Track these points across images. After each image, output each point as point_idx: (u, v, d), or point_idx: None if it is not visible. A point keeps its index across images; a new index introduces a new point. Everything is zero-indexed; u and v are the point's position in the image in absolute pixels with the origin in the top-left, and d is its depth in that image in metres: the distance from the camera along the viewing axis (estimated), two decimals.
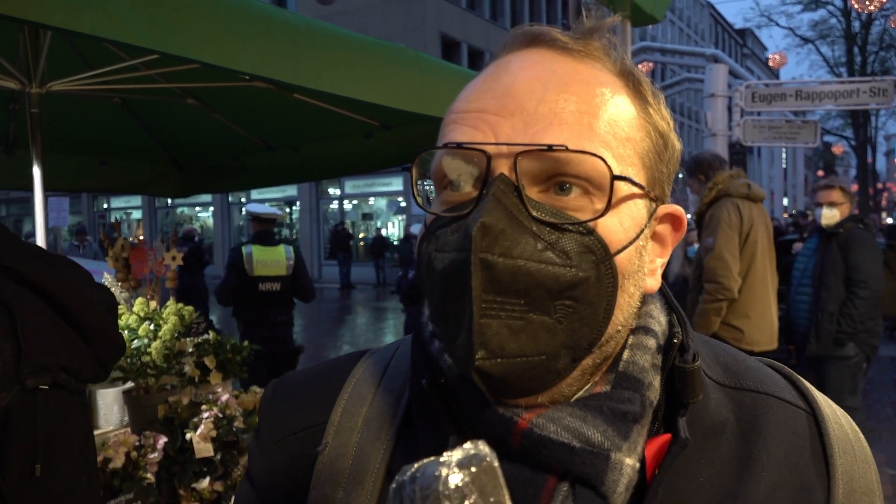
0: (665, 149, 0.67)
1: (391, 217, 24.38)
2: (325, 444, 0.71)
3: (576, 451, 0.59)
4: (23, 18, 1.61)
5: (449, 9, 23.91)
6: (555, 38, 0.65)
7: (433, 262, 0.61)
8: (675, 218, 0.70)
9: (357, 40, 2.64)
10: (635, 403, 0.62)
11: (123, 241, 3.74)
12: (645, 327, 0.67)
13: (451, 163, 0.63)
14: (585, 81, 0.63)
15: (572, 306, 0.58)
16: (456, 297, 0.58)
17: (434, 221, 0.64)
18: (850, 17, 32.98)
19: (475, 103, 0.64)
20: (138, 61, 3.22)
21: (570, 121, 0.60)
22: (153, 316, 3.37)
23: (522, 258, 0.56)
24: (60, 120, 4.20)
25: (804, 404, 0.72)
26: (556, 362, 0.59)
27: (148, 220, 29.03)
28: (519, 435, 0.60)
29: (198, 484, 2.90)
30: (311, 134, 4.57)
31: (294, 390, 0.80)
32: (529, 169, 0.59)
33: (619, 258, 0.61)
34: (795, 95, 8.90)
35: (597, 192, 0.60)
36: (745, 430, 0.67)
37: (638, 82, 0.66)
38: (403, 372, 0.75)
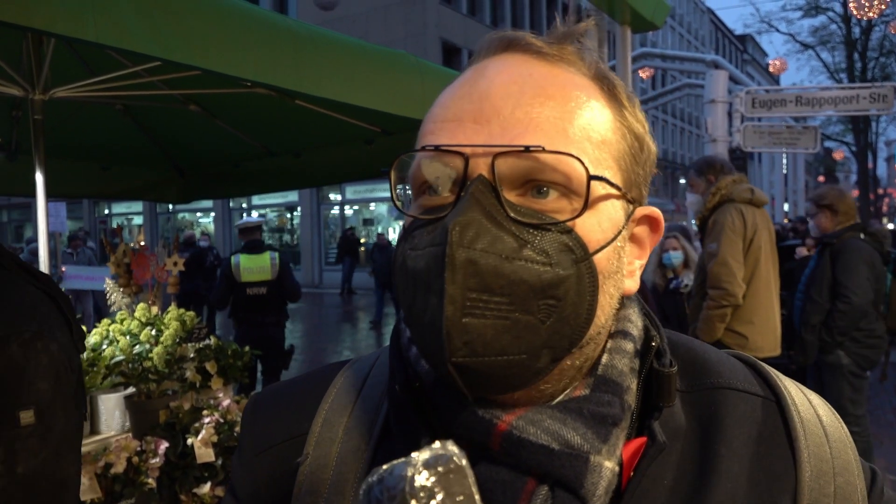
0: (641, 151, 0.68)
1: (392, 223, 24.39)
2: (306, 455, 0.71)
3: (555, 454, 0.59)
4: (28, 26, 1.62)
5: (450, 15, 23.98)
6: (530, 42, 0.66)
7: (407, 261, 0.61)
8: (652, 220, 0.70)
9: (359, 47, 2.65)
10: (615, 407, 0.63)
11: (125, 246, 3.75)
12: (623, 331, 0.68)
13: (429, 166, 0.63)
14: (560, 85, 0.63)
15: (555, 305, 0.58)
16: (429, 293, 0.57)
17: (411, 224, 0.64)
18: (850, 23, 33.03)
19: (452, 109, 0.64)
20: (141, 68, 3.23)
21: (546, 125, 0.61)
22: (155, 321, 3.37)
23: (503, 255, 0.56)
24: (63, 126, 4.21)
25: (765, 391, 0.71)
26: (537, 361, 0.59)
27: (149, 226, 29.05)
28: (499, 437, 0.60)
29: (199, 489, 2.91)
30: (312, 140, 4.58)
31: (274, 402, 0.80)
32: (507, 171, 0.60)
33: (598, 258, 0.61)
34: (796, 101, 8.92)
35: (574, 195, 0.60)
36: (705, 429, 0.67)
37: (612, 85, 0.67)
38: (383, 381, 0.74)
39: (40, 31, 1.66)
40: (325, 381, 0.78)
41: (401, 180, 0.66)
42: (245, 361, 3.54)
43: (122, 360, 3.10)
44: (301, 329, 14.90)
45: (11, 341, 1.26)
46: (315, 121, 3.81)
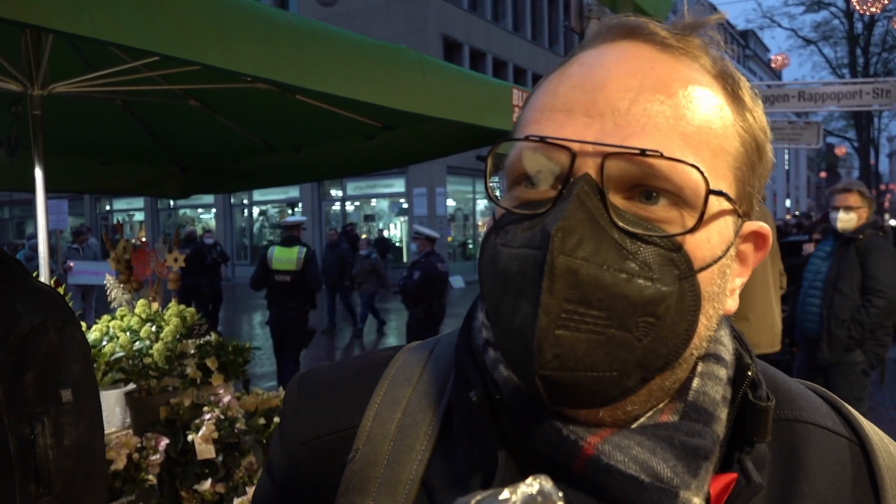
0: (759, 161, 0.63)
1: (393, 218, 24.38)
2: (356, 451, 0.68)
3: (644, 486, 0.55)
4: (23, 21, 1.60)
5: (451, 10, 23.91)
6: (653, 31, 0.60)
7: (499, 258, 0.57)
8: (759, 236, 0.65)
9: (359, 42, 2.64)
10: (706, 438, 0.58)
11: (126, 242, 3.74)
12: (716, 355, 0.63)
13: (532, 157, 0.58)
14: (683, 82, 0.58)
15: (654, 324, 0.54)
16: (521, 297, 0.54)
17: (504, 216, 0.60)
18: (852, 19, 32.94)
19: (562, 97, 0.59)
20: (140, 63, 3.22)
21: (665, 125, 0.56)
22: (155, 318, 3.37)
23: (605, 266, 0.52)
24: (62, 122, 4.20)
25: (848, 432, 0.67)
26: (627, 380, 0.55)
27: (150, 222, 29.06)
28: (583, 461, 0.56)
29: (199, 486, 2.90)
30: (312, 135, 4.57)
31: (322, 389, 0.76)
32: (616, 173, 0.55)
33: (701, 276, 0.56)
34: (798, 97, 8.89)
35: (686, 206, 0.55)
36: (785, 461, 0.63)
37: (737, 85, 0.62)
38: (442, 376, 0.70)
39: (36, 26, 1.65)
40: (377, 371, 0.74)
41: (497, 169, 0.62)
42: (245, 358, 3.54)
43: (122, 356, 3.09)
44: None
45: (48, 327, 1.39)
46: (315, 116, 3.79)
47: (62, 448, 1.36)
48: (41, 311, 1.41)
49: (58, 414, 1.36)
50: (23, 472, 1.32)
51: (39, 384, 1.35)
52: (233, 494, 2.92)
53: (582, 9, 4.77)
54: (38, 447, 1.33)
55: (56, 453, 1.35)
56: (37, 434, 1.33)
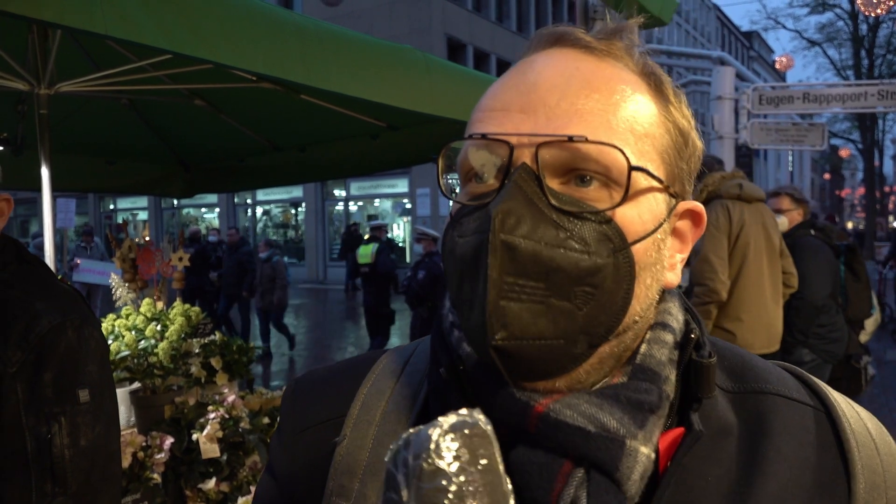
0: (685, 146, 0.69)
1: (396, 219, 24.38)
2: (344, 436, 0.73)
3: (591, 436, 0.60)
4: (37, 18, 1.61)
5: (455, 11, 23.91)
6: (578, 37, 0.67)
7: (455, 248, 0.63)
8: (695, 214, 0.72)
9: (365, 41, 2.64)
10: (652, 394, 0.63)
11: (131, 241, 3.75)
12: (663, 323, 0.69)
13: (476, 154, 0.65)
14: (607, 79, 0.65)
15: (591, 293, 0.59)
16: (474, 278, 0.59)
17: (458, 210, 0.66)
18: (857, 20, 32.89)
19: (500, 99, 0.66)
20: (146, 62, 3.23)
21: (590, 116, 0.62)
22: (160, 317, 3.38)
23: (543, 241, 0.58)
24: (68, 121, 4.21)
25: (814, 401, 0.71)
26: (574, 347, 0.60)
27: (154, 221, 29.11)
28: (535, 418, 0.61)
29: (204, 484, 2.91)
30: (317, 135, 4.57)
31: (315, 385, 0.82)
32: (550, 160, 0.61)
33: (636, 248, 0.62)
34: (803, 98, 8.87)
35: (615, 185, 0.62)
36: (751, 430, 0.67)
37: (660, 81, 0.68)
38: (422, 368, 0.76)
39: (49, 23, 1.66)
40: (365, 366, 0.80)
41: (448, 168, 0.69)
42: (250, 357, 3.55)
43: (127, 355, 3.10)
44: (305, 325, 14.91)
45: (67, 327, 1.40)
46: (320, 115, 3.80)
47: (78, 448, 1.37)
48: (60, 310, 1.42)
49: (75, 414, 1.37)
50: (39, 470, 1.32)
51: (57, 384, 1.36)
52: (237, 493, 2.93)
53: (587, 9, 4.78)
54: (55, 446, 1.33)
55: (72, 453, 1.35)
56: (54, 433, 1.33)
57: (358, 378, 0.78)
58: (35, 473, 1.32)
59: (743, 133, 8.97)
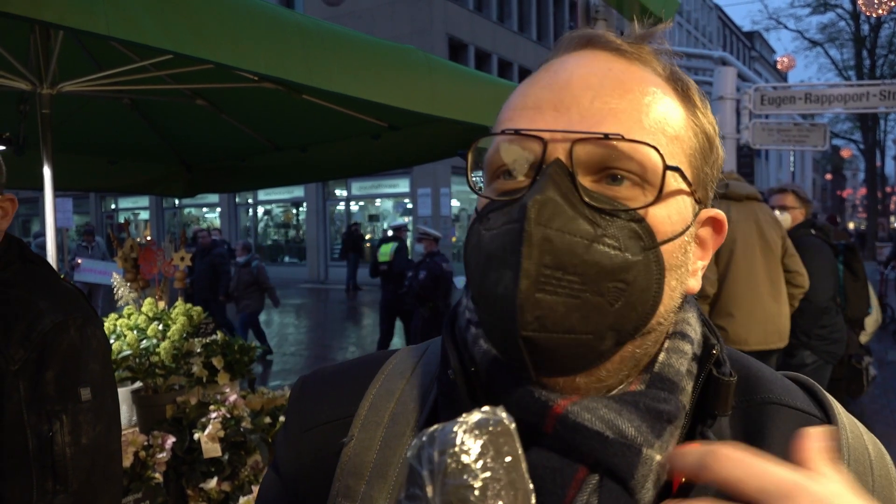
0: (710, 151, 0.70)
1: (397, 219, 24.38)
2: (351, 437, 0.72)
3: (609, 441, 0.59)
4: (39, 19, 1.62)
5: (456, 10, 23.90)
6: (610, 40, 0.68)
7: (482, 240, 0.63)
8: (716, 221, 0.72)
9: (366, 42, 2.64)
10: (670, 404, 0.63)
11: (132, 241, 3.76)
12: (682, 332, 0.68)
13: (508, 149, 0.64)
14: (638, 81, 0.65)
15: (623, 289, 0.59)
16: (504, 269, 0.59)
17: (486, 206, 0.65)
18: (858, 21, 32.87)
19: (532, 97, 0.66)
20: (148, 62, 3.23)
21: (624, 115, 0.62)
22: (162, 316, 3.38)
23: (578, 235, 0.58)
24: (70, 120, 4.22)
25: (820, 413, 0.71)
26: (602, 343, 0.60)
27: (155, 221, 29.12)
28: (553, 419, 0.60)
29: (205, 484, 2.91)
30: (318, 135, 4.58)
31: (323, 383, 0.82)
32: (584, 157, 0.61)
33: (664, 248, 0.63)
34: (804, 98, 8.86)
35: (648, 185, 0.62)
36: (754, 441, 0.67)
37: (686, 87, 0.69)
38: (433, 370, 0.75)
39: (51, 24, 1.66)
40: (374, 366, 0.79)
41: (475, 166, 0.68)
42: (251, 357, 3.55)
43: (129, 354, 3.10)
44: (306, 325, 14.92)
45: (69, 326, 1.41)
46: (321, 115, 3.80)
47: (80, 446, 1.37)
48: (63, 309, 1.42)
49: (76, 412, 1.38)
50: (40, 468, 1.33)
51: (59, 382, 1.37)
52: (238, 493, 2.93)
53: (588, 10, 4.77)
54: (57, 444, 1.34)
55: (74, 451, 1.36)
56: (55, 431, 1.34)
57: (366, 378, 0.77)
58: (36, 471, 1.32)
59: (744, 133, 8.96)
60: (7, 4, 1.55)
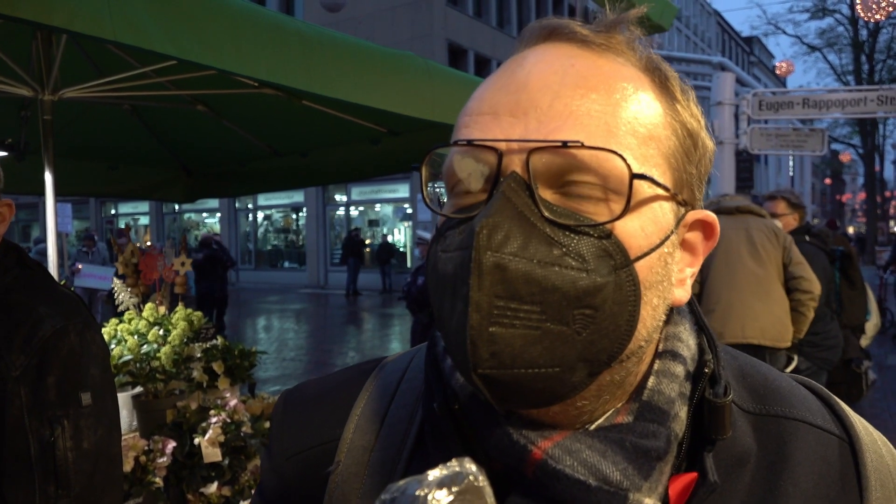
0: (694, 149, 0.62)
1: (397, 224, 24.39)
2: (337, 463, 0.69)
3: (592, 490, 0.54)
4: (47, 24, 1.63)
5: (456, 16, 23.97)
6: (574, 30, 0.61)
7: (437, 264, 0.58)
8: (706, 225, 0.65)
9: (366, 48, 2.66)
10: (660, 439, 0.57)
11: (133, 246, 3.77)
12: (672, 352, 0.62)
13: (462, 161, 0.59)
14: (605, 76, 0.58)
15: (591, 315, 0.53)
16: (456, 300, 0.53)
17: (444, 223, 0.60)
18: (857, 26, 32.96)
19: (488, 101, 0.60)
20: (149, 69, 3.25)
21: (587, 119, 0.56)
22: (162, 321, 3.39)
23: (535, 259, 0.52)
24: (71, 126, 4.23)
25: (839, 430, 0.66)
26: (572, 375, 0.54)
27: (155, 226, 29.13)
28: (533, 465, 0.56)
29: (206, 488, 2.91)
30: (318, 140, 4.59)
31: (306, 404, 0.77)
32: (543, 168, 0.55)
33: (639, 265, 0.56)
34: (803, 103, 8.87)
35: (615, 195, 0.55)
36: (770, 459, 0.63)
37: (665, 77, 0.62)
38: (417, 386, 0.71)
39: (59, 29, 1.68)
40: (357, 383, 0.75)
41: (434, 177, 0.63)
42: (252, 362, 3.55)
43: (129, 359, 3.11)
44: (306, 330, 14.91)
45: (70, 331, 1.41)
46: (321, 121, 3.81)
47: (81, 451, 1.38)
48: (63, 314, 1.43)
49: (77, 417, 1.38)
50: (42, 473, 1.33)
51: (60, 387, 1.37)
52: (239, 497, 2.94)
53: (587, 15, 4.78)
54: (59, 449, 1.35)
55: (75, 456, 1.37)
56: (57, 436, 1.35)
57: (350, 396, 0.73)
58: (38, 476, 1.33)
59: (743, 138, 8.98)
60: (16, 9, 1.57)
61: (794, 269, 4.30)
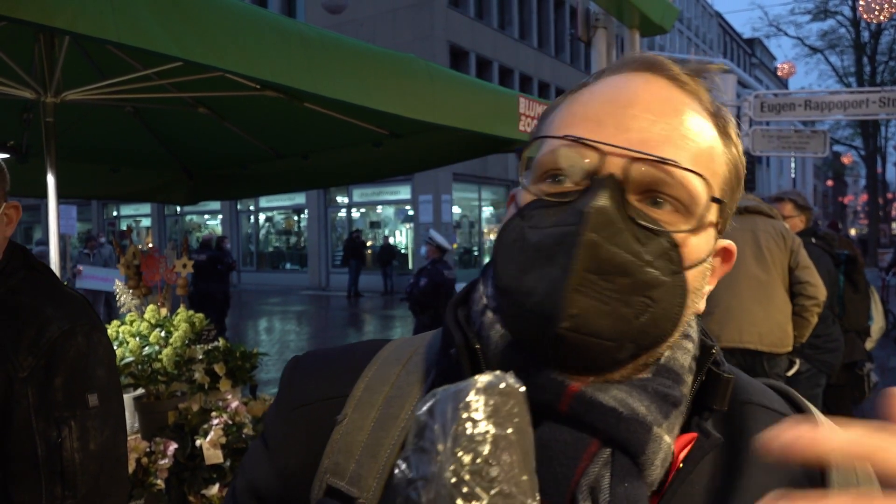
0: (738, 185, 0.74)
1: (399, 225, 24.40)
2: (345, 415, 0.73)
3: (623, 418, 0.62)
4: (50, 25, 1.64)
5: (457, 18, 23.98)
6: (670, 68, 0.71)
7: (526, 237, 0.65)
8: (727, 252, 0.76)
9: (368, 50, 2.66)
10: (675, 390, 0.67)
11: (135, 248, 3.77)
12: (685, 334, 0.71)
13: (566, 154, 0.66)
14: (692, 113, 0.69)
15: (650, 305, 0.63)
16: (550, 267, 0.62)
17: (531, 203, 0.68)
18: (859, 27, 32.95)
19: (594, 110, 0.69)
20: (151, 71, 3.25)
21: (682, 143, 0.66)
22: (164, 323, 3.39)
23: (623, 248, 0.61)
24: (73, 128, 4.24)
25: (794, 413, 0.74)
26: (620, 351, 0.63)
27: (157, 228, 29.17)
28: (569, 397, 0.63)
29: (207, 490, 2.91)
30: (320, 142, 4.60)
31: (317, 363, 0.83)
32: (637, 177, 0.64)
33: (690, 273, 0.66)
34: (804, 105, 8.88)
35: (687, 213, 0.66)
36: (734, 439, 0.70)
37: (726, 123, 0.72)
38: (430, 358, 0.77)
39: (62, 30, 1.68)
40: (370, 351, 0.80)
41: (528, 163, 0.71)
42: (253, 364, 3.56)
43: (131, 361, 3.11)
44: (308, 332, 14.92)
45: (77, 332, 1.42)
46: (323, 123, 3.82)
47: (88, 452, 1.38)
48: (70, 316, 1.44)
49: (84, 418, 1.39)
50: (49, 474, 1.34)
51: (67, 388, 1.38)
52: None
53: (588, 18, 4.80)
54: (65, 450, 1.35)
55: (82, 457, 1.37)
56: (64, 437, 1.35)
57: (362, 361, 0.79)
58: (45, 477, 1.33)
59: (745, 140, 8.98)
60: (18, 11, 1.57)
61: (800, 273, 4.26)
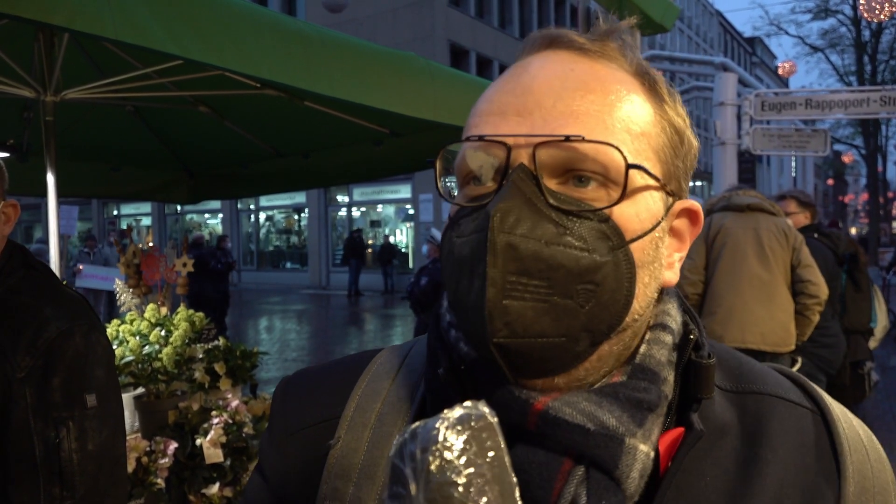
0: (681, 144, 0.69)
1: (399, 224, 24.40)
2: (338, 439, 0.72)
3: (590, 434, 0.60)
4: (48, 23, 1.63)
5: (458, 17, 23.97)
6: (572, 39, 0.68)
7: (453, 248, 0.64)
8: (692, 213, 0.72)
9: (368, 49, 2.66)
10: (651, 393, 0.64)
11: (135, 247, 3.77)
12: (662, 324, 0.69)
13: (473, 156, 0.65)
14: (601, 80, 0.65)
15: (593, 290, 0.60)
16: (473, 278, 0.60)
17: (457, 212, 0.66)
18: (859, 26, 32.92)
19: (496, 103, 0.67)
20: (151, 69, 3.25)
21: (586, 117, 0.63)
22: (164, 322, 3.39)
23: (543, 240, 0.59)
24: (73, 127, 4.23)
25: (810, 404, 0.72)
26: (576, 345, 0.61)
27: (157, 227, 29.17)
28: (535, 416, 0.61)
29: (208, 489, 2.91)
30: (320, 141, 4.59)
31: (307, 385, 0.81)
32: (548, 160, 0.62)
33: (634, 246, 0.63)
34: (805, 104, 8.86)
35: (612, 184, 0.62)
36: (749, 431, 0.68)
37: (654, 81, 0.69)
38: (418, 368, 0.75)
39: (60, 27, 1.67)
40: (359, 366, 0.79)
41: (446, 171, 0.69)
42: (253, 363, 3.55)
43: (131, 360, 3.11)
44: (308, 331, 14.92)
45: (75, 333, 1.42)
46: (323, 122, 3.81)
47: (86, 452, 1.38)
48: (68, 316, 1.43)
49: (82, 418, 1.38)
50: (47, 474, 1.33)
51: (66, 388, 1.37)
52: (240, 498, 2.94)
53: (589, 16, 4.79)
54: (64, 451, 1.35)
55: (80, 457, 1.37)
56: (62, 438, 1.35)
57: (351, 379, 0.77)
58: (43, 477, 1.33)
59: (745, 139, 8.97)
60: (16, 8, 1.56)
61: (801, 271, 4.25)
